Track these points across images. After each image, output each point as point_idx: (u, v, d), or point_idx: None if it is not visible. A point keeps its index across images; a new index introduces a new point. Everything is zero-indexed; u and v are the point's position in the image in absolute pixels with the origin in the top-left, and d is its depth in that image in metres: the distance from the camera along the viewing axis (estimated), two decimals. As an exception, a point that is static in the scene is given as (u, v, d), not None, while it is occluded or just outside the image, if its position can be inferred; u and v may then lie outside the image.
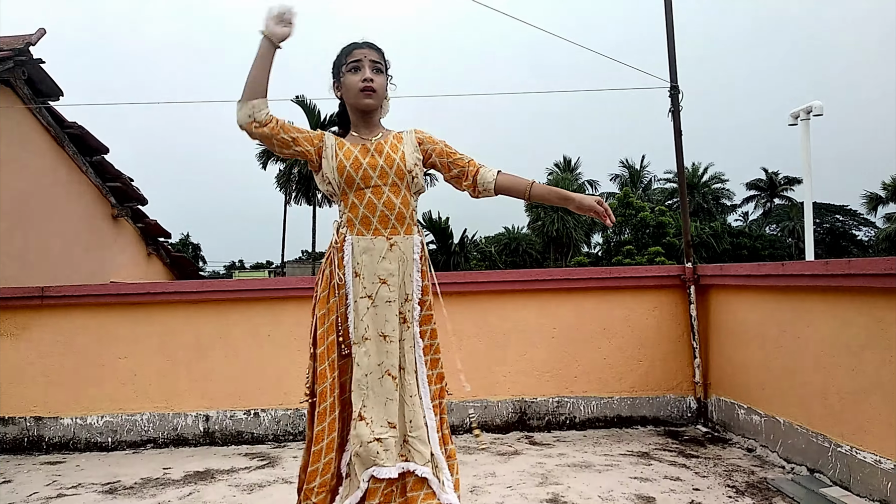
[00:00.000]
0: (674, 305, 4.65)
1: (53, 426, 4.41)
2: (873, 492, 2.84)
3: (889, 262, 2.75)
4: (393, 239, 2.15)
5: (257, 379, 4.48)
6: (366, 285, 2.13)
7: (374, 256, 2.14)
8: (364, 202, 2.14)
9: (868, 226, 46.20)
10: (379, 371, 2.10)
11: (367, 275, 2.13)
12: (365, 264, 2.14)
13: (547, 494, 3.14)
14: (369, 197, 2.14)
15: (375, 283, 2.13)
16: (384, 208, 2.14)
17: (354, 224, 2.15)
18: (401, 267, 2.16)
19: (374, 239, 2.15)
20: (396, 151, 2.18)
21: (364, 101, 2.18)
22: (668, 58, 4.78)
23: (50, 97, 6.15)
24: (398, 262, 2.16)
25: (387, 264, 2.14)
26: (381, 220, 2.14)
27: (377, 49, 2.22)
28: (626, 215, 39.39)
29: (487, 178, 2.22)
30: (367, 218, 2.14)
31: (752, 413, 3.93)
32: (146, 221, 8.26)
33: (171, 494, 3.33)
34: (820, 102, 5.80)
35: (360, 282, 2.14)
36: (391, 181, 2.15)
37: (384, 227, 2.15)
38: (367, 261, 2.14)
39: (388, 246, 2.15)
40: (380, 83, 2.18)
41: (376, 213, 2.14)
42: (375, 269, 2.13)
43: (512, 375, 4.55)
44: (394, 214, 2.15)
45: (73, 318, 4.52)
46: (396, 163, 2.16)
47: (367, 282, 2.13)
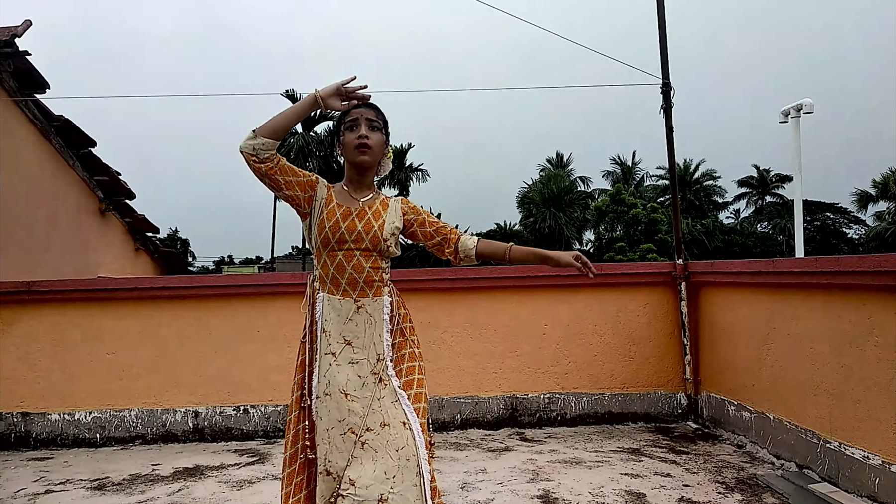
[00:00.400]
0: (665, 302, 4.66)
1: (41, 422, 4.37)
2: (861, 488, 2.85)
3: (878, 260, 2.76)
4: (361, 302, 2.17)
5: (247, 375, 4.45)
6: (331, 342, 2.16)
7: (341, 317, 2.16)
8: (335, 264, 2.16)
9: (858, 223, 46.47)
10: (340, 427, 2.09)
11: (334, 333, 2.16)
12: (332, 322, 2.17)
13: (538, 490, 3.14)
14: (340, 259, 2.16)
15: (340, 342, 2.15)
16: (353, 271, 2.16)
17: (325, 282, 2.19)
18: (368, 329, 2.17)
19: (343, 300, 2.17)
20: (378, 219, 2.21)
21: (359, 157, 2.19)
22: (660, 55, 4.78)
23: (36, 90, 6.09)
24: (365, 325, 2.17)
25: (353, 326, 2.16)
26: (350, 283, 2.16)
27: (374, 108, 2.25)
28: (617, 212, 39.46)
29: (469, 245, 2.31)
30: (336, 279, 2.16)
31: (742, 409, 3.94)
32: (134, 216, 8.19)
33: (159, 490, 3.31)
34: (811, 100, 5.83)
35: (326, 338, 2.17)
36: (365, 246, 2.17)
37: (353, 290, 2.17)
38: (335, 320, 2.17)
39: (355, 308, 2.17)
40: (375, 140, 2.21)
41: (345, 276, 2.16)
42: (342, 329, 2.16)
43: (503, 372, 4.55)
44: (362, 278, 2.17)
45: (61, 313, 4.47)
46: (374, 230, 2.18)
47: (332, 339, 2.16)
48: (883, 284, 2.76)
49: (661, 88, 4.75)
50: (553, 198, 43.78)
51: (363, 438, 2.06)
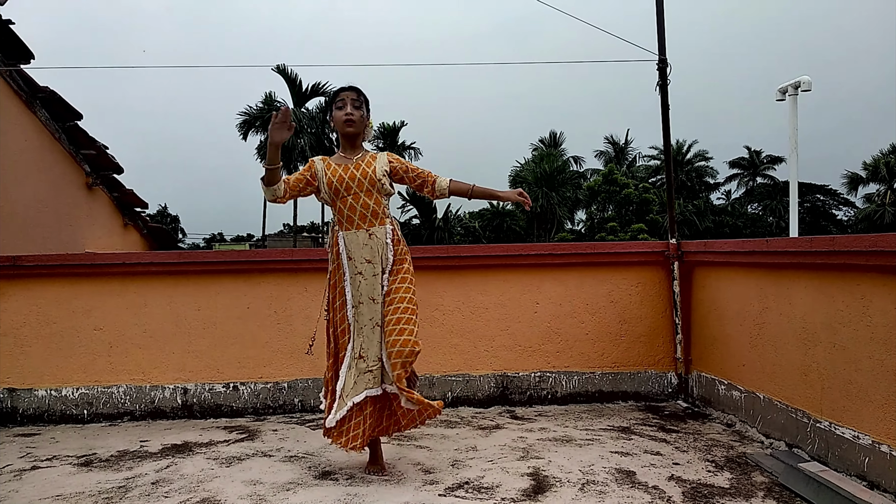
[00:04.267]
0: (657, 281, 4.64)
1: (27, 398, 4.33)
2: (851, 467, 2.86)
3: (873, 240, 2.74)
4: (370, 230, 2.95)
5: (236, 352, 4.42)
6: (357, 265, 2.95)
7: (358, 244, 2.94)
8: (347, 206, 2.95)
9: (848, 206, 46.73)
10: (371, 324, 2.93)
11: (356, 257, 2.94)
12: (353, 250, 2.94)
13: (528, 468, 3.13)
14: (350, 202, 2.94)
15: (363, 262, 2.94)
16: (362, 209, 2.94)
17: (343, 222, 2.96)
18: (379, 249, 2.96)
19: (357, 232, 2.95)
20: (370, 167, 2.98)
21: (346, 129, 3.00)
22: (657, 31, 4.71)
23: (20, 60, 5.95)
24: (377, 247, 2.96)
25: (369, 249, 2.94)
26: (361, 218, 2.95)
27: (356, 90, 3.04)
28: (609, 192, 39.45)
29: (443, 185, 3.06)
30: (350, 217, 2.95)
31: (732, 389, 3.95)
32: (122, 191, 8.07)
33: (147, 467, 3.28)
34: (808, 77, 5.76)
35: (353, 264, 2.95)
36: (365, 188, 2.95)
37: (363, 222, 2.95)
38: (355, 247, 2.94)
39: (367, 235, 2.95)
40: (358, 115, 3.00)
41: (356, 213, 2.94)
42: (361, 252, 2.94)
43: (494, 350, 4.53)
44: (369, 212, 2.95)
45: (47, 288, 4.41)
46: (369, 175, 2.95)
47: (357, 263, 2.94)
48: (878, 264, 2.74)
49: (658, 65, 4.68)
50: (545, 177, 43.68)
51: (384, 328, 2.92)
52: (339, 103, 3.00)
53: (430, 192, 3.07)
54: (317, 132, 37.47)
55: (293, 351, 4.40)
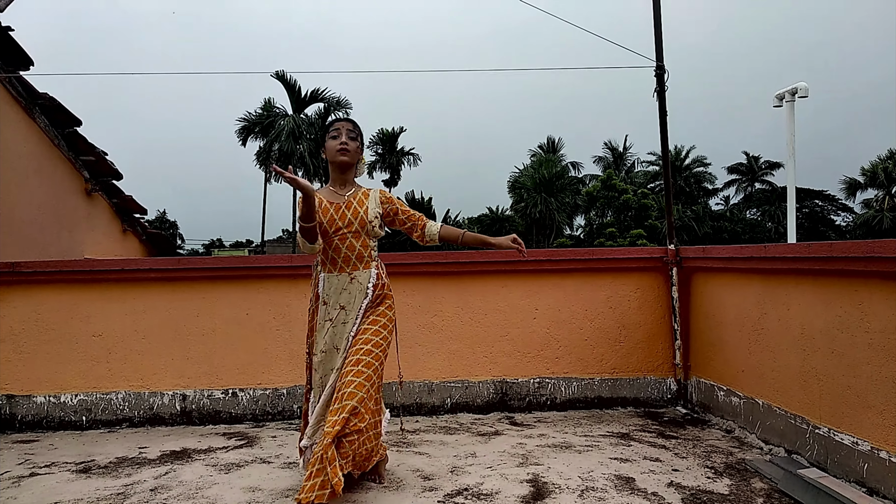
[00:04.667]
0: (656, 287, 4.65)
1: (26, 404, 4.32)
2: (850, 473, 2.86)
3: (871, 245, 2.75)
4: (353, 274, 2.81)
5: (235, 358, 4.42)
6: (329, 311, 2.83)
7: (337, 289, 2.81)
8: (332, 247, 2.80)
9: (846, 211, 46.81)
10: (333, 375, 2.77)
11: (332, 302, 2.82)
12: (330, 295, 2.82)
13: (527, 475, 3.13)
14: (336, 243, 2.79)
15: (336, 309, 2.82)
16: (347, 251, 2.80)
17: (326, 263, 2.84)
18: (358, 296, 2.82)
19: (339, 276, 2.82)
20: (362, 206, 2.84)
21: (340, 157, 2.85)
22: (654, 37, 4.73)
23: (20, 66, 5.95)
24: (356, 293, 2.81)
25: (347, 295, 2.81)
26: (345, 261, 2.81)
27: (353, 122, 2.95)
28: (608, 198, 39.50)
29: (433, 230, 2.95)
30: (334, 259, 2.82)
31: (731, 395, 3.95)
32: (121, 197, 8.06)
33: (146, 474, 3.28)
34: (805, 84, 5.78)
35: (326, 309, 2.83)
36: (354, 230, 2.80)
37: (346, 265, 2.81)
38: (332, 292, 2.82)
39: (348, 280, 2.81)
40: (353, 146, 2.88)
41: (340, 255, 2.80)
42: (338, 298, 2.81)
43: (493, 356, 4.53)
44: (354, 255, 2.81)
45: (46, 294, 4.41)
46: (360, 216, 2.81)
47: (330, 308, 2.83)
48: (875, 270, 2.75)
49: (656, 72, 4.70)
50: (544, 183, 43.77)
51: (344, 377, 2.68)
52: (334, 132, 2.86)
53: (419, 237, 2.96)
54: (316, 138, 37.53)
55: (292, 357, 4.40)
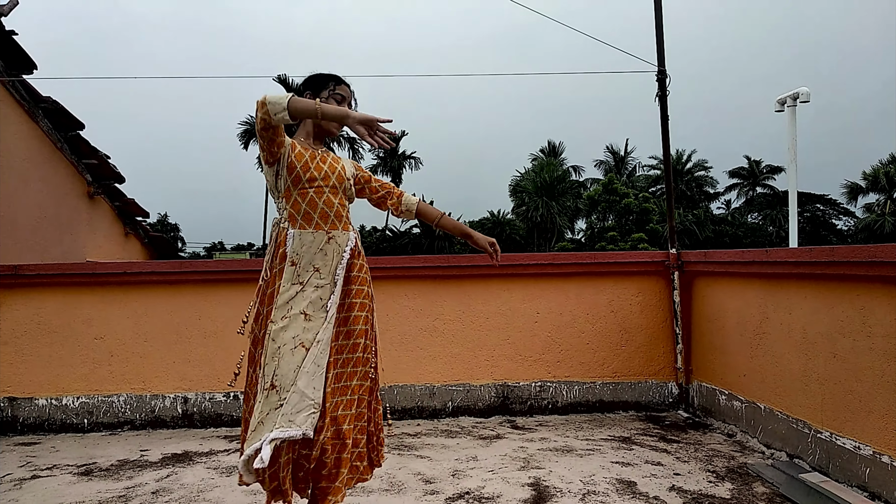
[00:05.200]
0: (657, 291, 4.65)
1: (28, 407, 4.32)
2: (852, 478, 2.86)
3: (873, 250, 2.75)
4: (332, 233, 2.39)
5: (237, 361, 4.41)
6: (299, 273, 2.33)
7: (312, 248, 2.35)
8: (306, 200, 2.38)
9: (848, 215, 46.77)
10: (292, 343, 2.25)
11: (304, 263, 2.34)
12: (303, 254, 2.34)
13: (529, 479, 3.13)
14: (311, 195, 2.38)
15: (308, 270, 2.34)
16: (324, 206, 2.39)
17: (296, 219, 2.37)
18: (335, 258, 2.38)
19: (315, 233, 2.37)
20: (337, 163, 2.50)
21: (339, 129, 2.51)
22: (656, 42, 4.74)
23: (23, 70, 5.98)
24: (333, 254, 2.38)
25: (322, 255, 2.36)
26: (322, 217, 2.38)
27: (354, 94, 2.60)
28: (609, 202, 39.51)
29: (411, 201, 2.69)
30: (308, 213, 2.37)
31: (733, 399, 3.95)
32: (123, 200, 8.08)
33: (147, 476, 3.28)
34: (807, 89, 5.79)
35: (295, 270, 2.33)
36: (331, 184, 2.42)
37: (324, 223, 2.38)
38: (306, 251, 2.35)
39: (325, 239, 2.37)
40: None
41: (316, 210, 2.38)
42: (312, 258, 2.35)
43: (494, 359, 4.53)
44: (332, 212, 2.40)
45: (48, 297, 4.42)
46: (337, 170, 2.46)
47: (301, 269, 2.34)
48: (877, 275, 2.75)
49: (657, 76, 4.71)
50: (545, 187, 43.79)
51: (311, 353, 2.25)
52: (339, 95, 2.50)
53: (394, 207, 2.67)
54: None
55: (294, 360, 4.40)
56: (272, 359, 2.24)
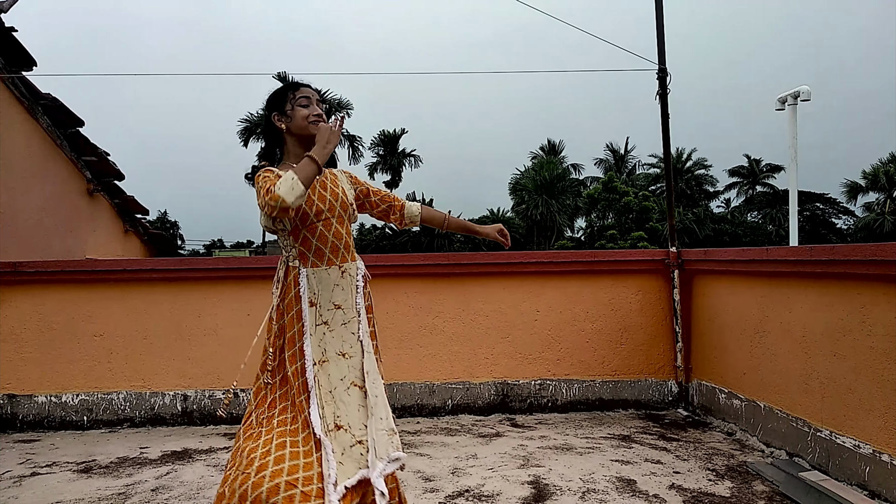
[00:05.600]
0: (657, 290, 4.65)
1: (27, 404, 4.32)
2: (852, 476, 2.86)
3: (873, 249, 2.75)
4: (343, 266, 2.28)
5: (236, 359, 4.41)
6: (321, 312, 2.23)
7: (328, 285, 2.24)
8: (316, 235, 2.23)
9: (847, 214, 46.79)
10: (343, 384, 2.18)
11: (323, 302, 2.23)
12: (321, 293, 2.24)
13: (528, 477, 3.13)
14: (320, 230, 2.24)
15: (331, 309, 2.24)
16: (334, 239, 2.26)
17: (308, 257, 2.24)
18: (352, 291, 2.29)
19: (329, 269, 2.26)
20: (337, 187, 2.32)
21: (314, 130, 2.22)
22: (657, 40, 4.73)
23: (23, 67, 5.97)
24: (349, 288, 2.28)
25: (340, 291, 2.26)
26: (332, 251, 2.26)
27: (316, 89, 2.40)
28: (609, 200, 39.50)
29: (414, 211, 2.54)
30: (319, 249, 2.24)
31: (732, 397, 3.95)
32: (123, 197, 8.08)
33: (147, 474, 3.28)
34: (808, 87, 5.78)
35: (316, 310, 2.23)
36: (337, 214, 2.27)
37: (335, 257, 2.27)
38: (323, 290, 2.24)
39: (339, 273, 2.27)
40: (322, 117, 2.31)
41: (327, 245, 2.25)
42: (330, 296, 2.24)
43: (494, 358, 4.53)
44: (341, 244, 2.28)
45: (48, 294, 4.41)
46: (340, 197, 2.30)
47: (322, 310, 2.23)
48: (877, 273, 2.75)
49: (658, 74, 4.71)
50: (545, 185, 43.77)
51: (365, 388, 2.19)
52: (304, 100, 2.30)
53: (396, 221, 2.54)
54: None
55: (293, 358, 4.40)
56: (328, 402, 2.15)
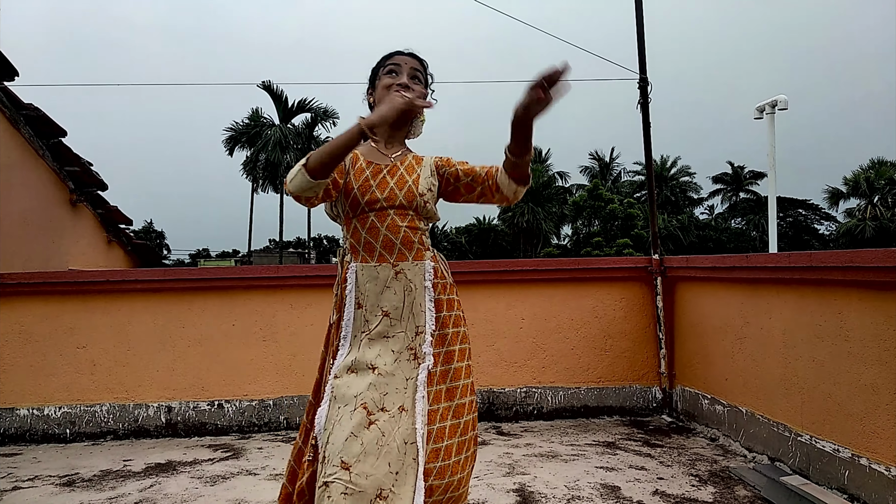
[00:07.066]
0: (641, 297, 4.69)
1: (9, 417, 4.28)
2: (831, 480, 2.90)
3: (849, 255, 2.80)
4: (399, 266, 1.91)
5: (221, 369, 4.40)
6: (367, 317, 1.90)
7: (378, 285, 1.90)
8: (366, 227, 1.91)
9: (829, 220, 47.40)
10: (353, 403, 1.78)
11: (370, 306, 1.90)
12: (368, 294, 1.90)
13: (514, 484, 3.14)
14: (372, 220, 1.90)
15: (377, 315, 1.89)
16: (388, 232, 1.90)
17: (358, 250, 1.93)
18: (407, 297, 1.90)
19: (379, 266, 1.91)
20: (411, 174, 1.95)
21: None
22: (638, 50, 4.80)
23: (5, 77, 5.93)
24: (404, 293, 1.90)
25: (391, 294, 1.89)
26: (386, 246, 1.90)
27: (419, 59, 2.03)
28: (594, 207, 39.73)
29: (504, 182, 1.89)
30: (370, 243, 1.90)
31: (715, 403, 3.99)
32: (106, 208, 8.01)
33: (131, 487, 3.26)
34: (785, 96, 5.88)
35: (363, 314, 1.90)
36: (398, 203, 1.91)
37: (389, 254, 1.90)
38: (371, 290, 1.90)
39: (393, 274, 1.90)
40: (417, 92, 1.95)
41: (379, 238, 1.90)
42: (378, 299, 1.90)
43: (480, 366, 4.55)
44: (399, 239, 1.90)
45: (30, 306, 4.38)
46: (408, 185, 1.93)
47: (368, 313, 1.90)
48: (853, 280, 2.80)
49: (639, 84, 4.77)
50: (531, 192, 43.93)
51: (374, 417, 1.75)
52: (392, 66, 1.98)
53: (501, 200, 1.96)
54: (303, 148, 37.53)
55: (279, 368, 4.39)
56: (329, 422, 1.79)
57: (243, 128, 39.45)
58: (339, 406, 1.79)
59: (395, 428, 1.75)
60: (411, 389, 1.82)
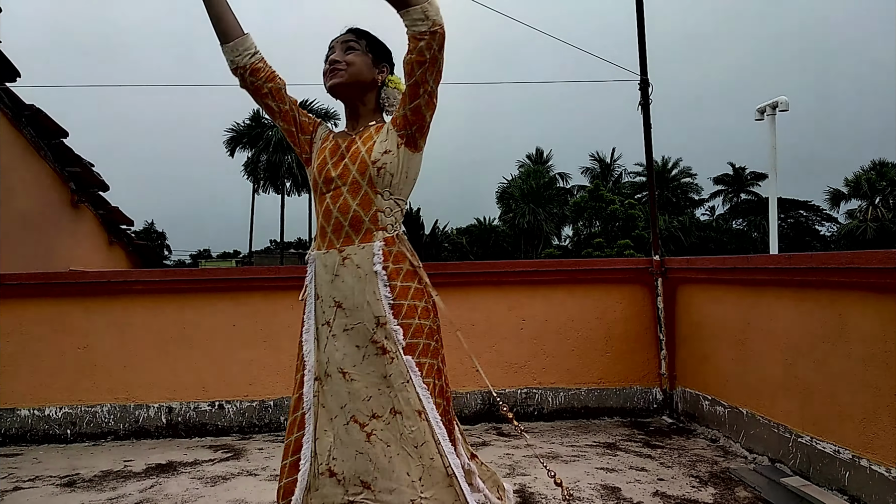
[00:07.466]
0: (641, 298, 4.69)
1: (9, 418, 4.28)
2: (832, 481, 2.90)
3: (850, 257, 2.80)
4: (345, 251, 1.75)
5: (222, 370, 4.40)
6: (325, 309, 1.76)
7: (328, 274, 1.76)
8: (323, 209, 1.79)
9: (830, 221, 47.37)
10: (343, 416, 1.68)
11: (325, 297, 1.76)
12: (322, 284, 1.77)
13: (514, 485, 3.14)
14: (328, 202, 1.78)
15: (332, 306, 1.75)
16: (338, 213, 1.75)
17: (317, 237, 1.83)
18: (357, 285, 1.72)
19: (328, 253, 1.77)
20: (367, 143, 1.80)
21: (330, 81, 1.84)
22: (639, 51, 4.80)
23: (6, 78, 5.94)
24: (353, 280, 1.73)
25: (340, 283, 1.74)
26: (335, 229, 1.76)
27: (352, 30, 1.91)
28: (595, 208, 39.74)
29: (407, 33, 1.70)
30: (323, 228, 1.78)
31: (716, 404, 3.99)
32: (108, 208, 8.03)
33: (131, 487, 3.26)
34: (786, 98, 5.88)
35: (321, 305, 1.77)
36: (351, 179, 1.76)
37: (337, 238, 1.76)
38: (324, 279, 1.77)
39: (339, 260, 1.75)
40: (349, 60, 1.83)
41: (330, 221, 1.76)
42: (330, 289, 1.75)
43: (480, 366, 4.54)
44: (348, 220, 1.74)
45: (31, 306, 4.38)
46: (360, 157, 1.76)
47: (325, 305, 1.76)
48: (854, 281, 2.80)
49: (640, 85, 4.77)
50: (532, 193, 43.99)
51: (369, 429, 1.65)
52: (328, 52, 1.90)
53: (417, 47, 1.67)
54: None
55: (279, 369, 4.39)
56: (325, 434, 1.69)
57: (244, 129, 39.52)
58: (331, 418, 1.70)
59: (396, 435, 1.67)
60: (396, 388, 1.69)
